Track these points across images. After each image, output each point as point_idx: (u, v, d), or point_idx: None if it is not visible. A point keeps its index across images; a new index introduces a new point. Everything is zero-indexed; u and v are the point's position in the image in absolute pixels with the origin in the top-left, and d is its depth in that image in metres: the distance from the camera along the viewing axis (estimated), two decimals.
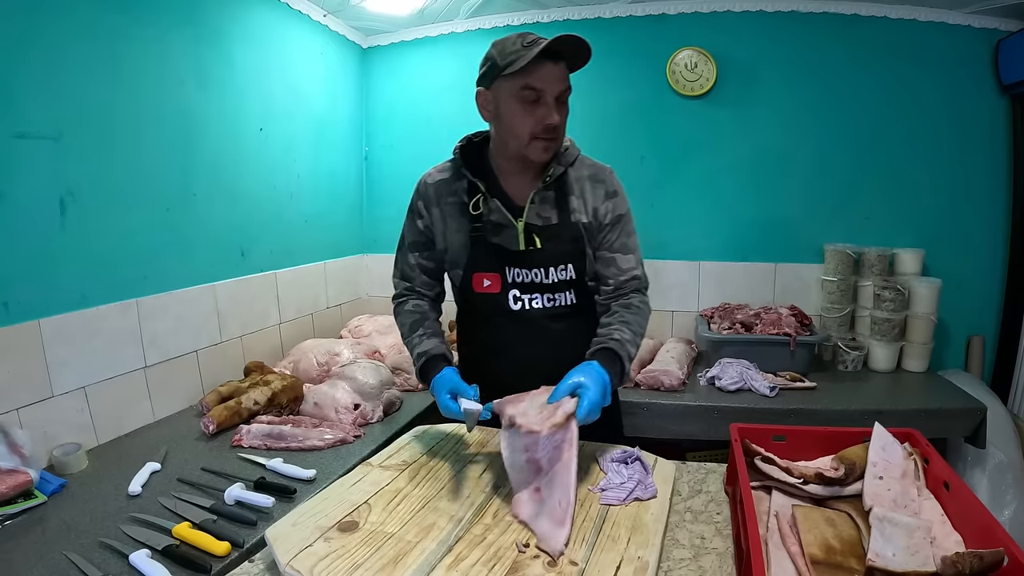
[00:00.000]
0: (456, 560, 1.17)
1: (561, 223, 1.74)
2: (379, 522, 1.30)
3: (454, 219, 1.77)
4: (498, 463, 1.60)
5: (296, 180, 3.21)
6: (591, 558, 1.19)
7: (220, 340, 2.69)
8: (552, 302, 1.77)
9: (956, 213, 3.19)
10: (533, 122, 1.60)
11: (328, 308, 3.50)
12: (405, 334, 1.85)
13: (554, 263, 1.74)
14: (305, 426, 2.17)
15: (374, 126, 3.83)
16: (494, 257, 1.74)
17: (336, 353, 2.72)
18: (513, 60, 1.56)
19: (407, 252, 1.90)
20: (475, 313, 1.85)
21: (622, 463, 1.57)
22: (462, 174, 1.77)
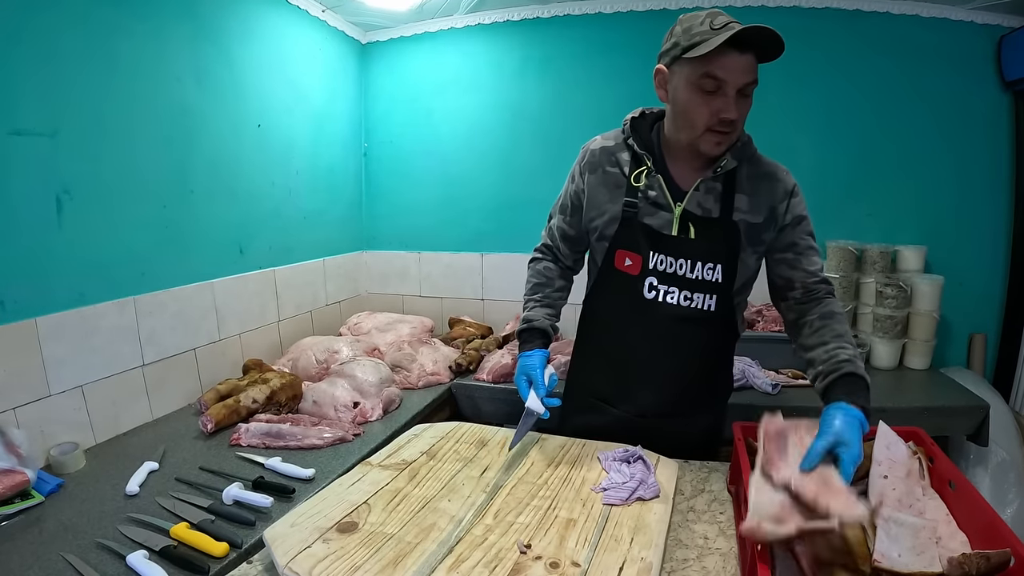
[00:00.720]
0: (457, 561, 1.16)
1: (722, 219, 1.63)
2: (379, 523, 1.30)
3: (609, 189, 1.69)
4: (499, 462, 1.60)
5: (295, 176, 3.19)
6: (594, 559, 1.18)
7: (218, 338, 2.67)
8: (688, 301, 1.65)
9: (958, 210, 3.17)
10: (709, 113, 1.49)
11: (327, 305, 3.49)
12: (526, 292, 1.92)
13: (703, 258, 1.62)
14: (304, 424, 2.15)
15: (373, 122, 3.81)
16: (643, 236, 1.64)
17: (335, 351, 2.70)
18: (697, 43, 1.44)
19: (557, 213, 1.91)
20: (607, 293, 1.75)
21: (624, 462, 1.56)
22: (628, 145, 1.69)
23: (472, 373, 2.92)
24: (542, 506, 1.38)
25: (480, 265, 3.68)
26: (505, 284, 3.65)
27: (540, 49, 3.44)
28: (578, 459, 1.61)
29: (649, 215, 1.64)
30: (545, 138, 3.50)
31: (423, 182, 3.74)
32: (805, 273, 1.68)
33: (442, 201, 3.71)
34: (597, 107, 3.41)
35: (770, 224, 1.65)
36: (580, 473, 1.54)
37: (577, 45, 3.41)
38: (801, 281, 1.68)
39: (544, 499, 1.41)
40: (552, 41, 3.42)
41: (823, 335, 1.57)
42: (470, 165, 3.63)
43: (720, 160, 1.59)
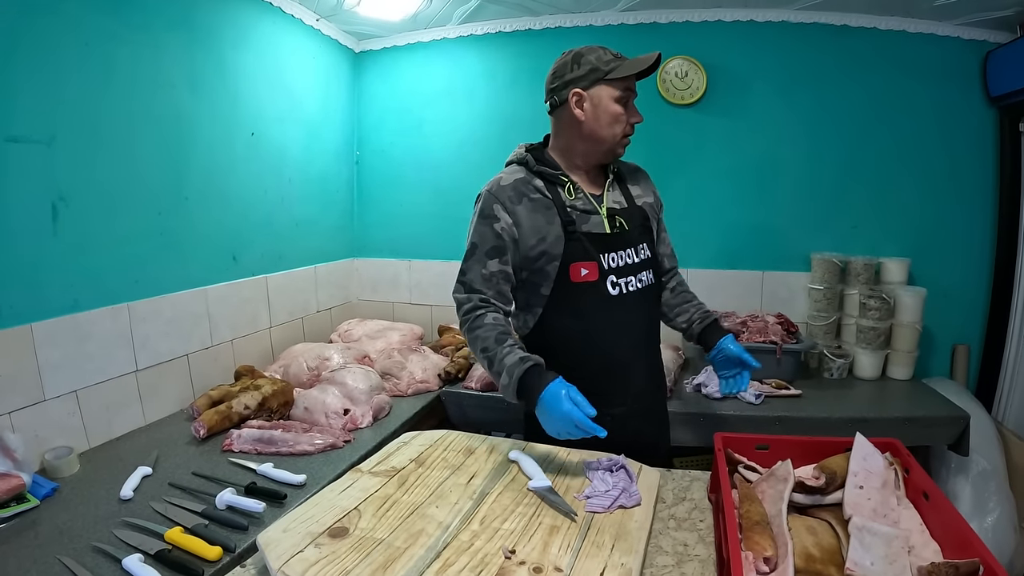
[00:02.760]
0: (444, 566, 1.19)
1: (631, 206, 1.91)
2: (369, 528, 1.33)
3: (541, 213, 1.81)
4: (486, 469, 1.63)
5: (287, 184, 3.22)
6: (576, 564, 1.22)
7: (211, 344, 2.70)
8: (641, 283, 1.88)
9: (943, 223, 3.22)
10: (625, 122, 1.82)
11: (318, 312, 3.51)
12: (490, 346, 1.73)
13: (637, 242, 1.88)
14: (295, 431, 2.18)
15: (365, 131, 3.84)
16: (590, 244, 1.81)
17: (326, 358, 2.74)
18: (615, 67, 1.79)
19: (484, 260, 1.81)
20: (568, 308, 1.84)
21: (607, 471, 1.59)
22: (537, 173, 1.87)
23: (461, 381, 2.94)
24: (527, 513, 1.42)
25: None
26: None
27: (532, 61, 3.48)
28: (562, 467, 1.65)
29: (584, 223, 1.83)
30: None
31: (415, 191, 3.77)
32: (667, 247, 2.11)
33: (433, 210, 3.74)
34: None
35: (658, 204, 2.04)
36: (564, 481, 1.58)
37: None
38: (664, 255, 2.09)
39: (528, 506, 1.45)
40: (544, 53, 3.42)
41: (684, 296, 2.11)
42: (462, 175, 3.66)
43: (611, 164, 1.93)
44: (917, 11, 3.04)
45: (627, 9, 3.31)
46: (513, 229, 1.80)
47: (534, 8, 3.33)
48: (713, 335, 1.99)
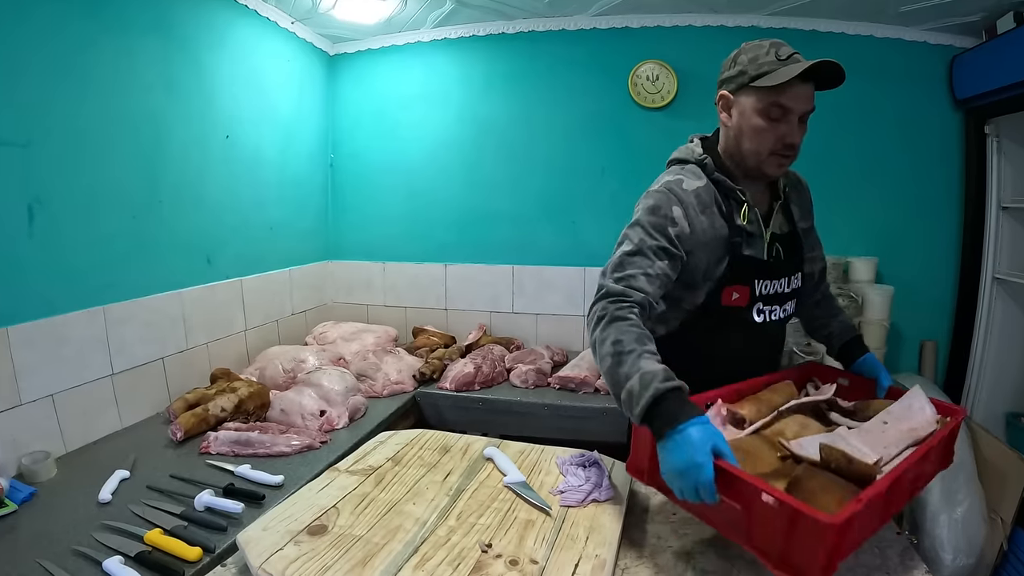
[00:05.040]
0: (422, 561, 1.23)
1: (792, 232, 1.76)
2: (347, 525, 1.35)
3: (715, 229, 1.63)
4: (461, 466, 1.66)
5: (262, 187, 3.23)
6: (551, 557, 1.26)
7: (186, 347, 2.70)
8: (784, 312, 1.76)
9: (910, 223, 3.30)
10: (775, 138, 1.56)
11: (293, 315, 3.52)
12: (626, 342, 1.40)
13: (792, 272, 1.74)
14: (272, 432, 2.20)
15: (340, 134, 3.86)
16: (748, 269, 1.65)
17: (302, 360, 2.76)
18: (766, 72, 1.53)
19: (652, 259, 1.57)
20: (704, 328, 1.71)
21: (580, 466, 1.63)
22: (716, 181, 1.66)
23: (435, 382, 2.99)
24: (502, 508, 1.45)
25: (444, 275, 3.75)
26: (468, 294, 3.74)
27: (506, 64, 3.53)
28: (536, 463, 1.68)
29: (748, 247, 1.66)
30: (510, 152, 3.59)
31: (389, 194, 3.80)
32: (822, 260, 1.93)
33: (407, 213, 3.77)
34: (562, 122, 3.52)
35: (812, 227, 1.86)
36: (539, 477, 1.61)
37: (542, 61, 3.49)
38: (820, 269, 1.92)
39: (504, 501, 1.48)
40: (518, 57, 3.51)
41: (830, 309, 1.94)
42: (435, 178, 3.70)
43: (780, 181, 1.74)
44: (885, 17, 3.11)
45: (600, 14, 3.36)
46: (688, 239, 1.60)
47: (508, 12, 3.37)
48: (852, 352, 1.81)
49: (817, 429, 1.48)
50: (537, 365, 3.07)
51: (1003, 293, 3.15)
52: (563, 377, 2.97)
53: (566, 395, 2.92)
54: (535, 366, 3.06)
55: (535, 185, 3.59)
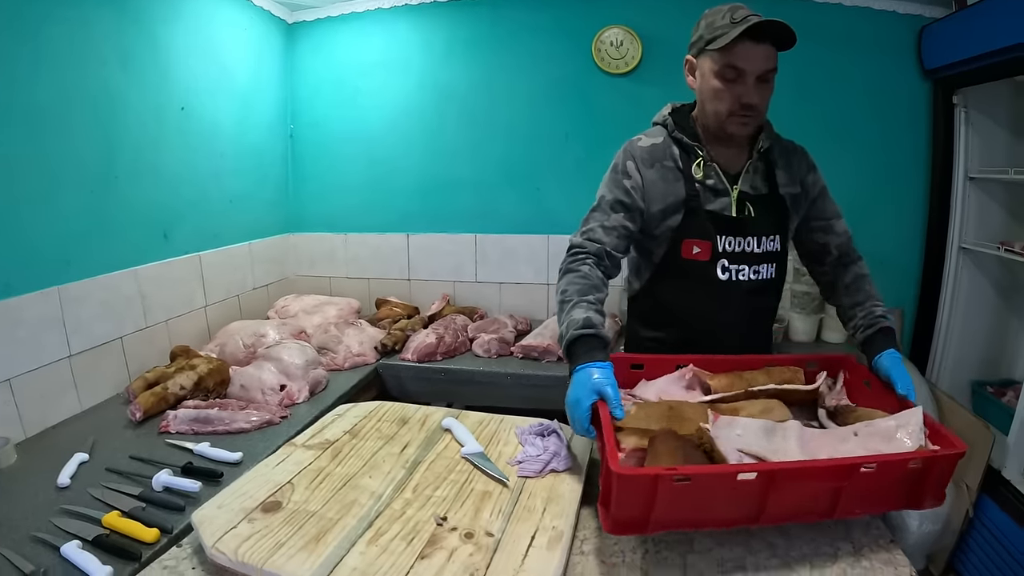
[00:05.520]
0: (376, 535, 1.23)
1: (771, 194, 1.76)
2: (302, 501, 1.35)
3: (668, 182, 1.72)
4: (419, 438, 1.65)
5: (220, 159, 3.17)
6: (507, 528, 1.26)
7: (145, 325, 2.66)
8: (756, 275, 1.75)
9: (877, 192, 3.29)
10: (732, 99, 1.61)
11: (255, 289, 3.48)
12: (570, 293, 1.61)
13: (765, 232, 1.73)
14: (232, 409, 2.19)
15: (300, 104, 3.79)
16: (708, 223, 1.70)
17: (262, 335, 2.73)
18: (718, 36, 1.57)
19: (608, 212, 1.73)
20: (673, 282, 1.78)
21: (539, 436, 1.62)
22: (675, 139, 1.75)
23: (398, 353, 2.98)
24: (459, 480, 1.45)
25: (406, 245, 3.72)
26: (431, 264, 3.72)
27: (467, 30, 3.47)
28: (495, 434, 1.68)
29: (710, 202, 1.72)
30: (471, 119, 3.54)
31: (350, 163, 3.74)
32: (836, 235, 1.86)
33: (368, 182, 3.72)
34: (525, 88, 3.47)
35: (804, 195, 1.82)
36: (497, 447, 1.61)
37: (504, 26, 3.44)
38: (836, 245, 1.85)
39: (461, 473, 1.48)
40: (479, 22, 3.45)
41: (857, 296, 1.80)
42: (396, 146, 3.65)
43: (758, 142, 1.74)
44: None
45: None
46: (641, 190, 1.72)
47: None
48: (873, 347, 1.69)
49: (780, 416, 1.45)
50: (500, 334, 3.06)
51: (969, 263, 3.15)
52: (526, 346, 2.96)
53: (529, 364, 2.92)
54: (498, 335, 3.04)
55: (497, 152, 3.55)
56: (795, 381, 1.61)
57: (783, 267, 1.83)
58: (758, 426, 1.36)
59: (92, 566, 1.41)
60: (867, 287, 1.83)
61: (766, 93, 1.63)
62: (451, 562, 1.16)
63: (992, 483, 2.60)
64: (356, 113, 3.69)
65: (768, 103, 1.66)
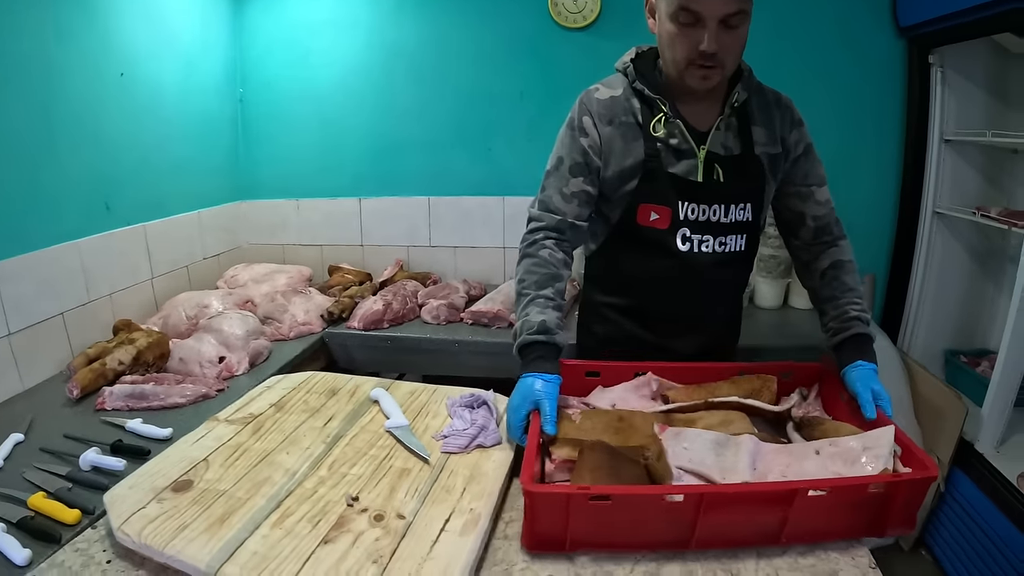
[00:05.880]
0: (282, 516, 1.18)
1: (744, 155, 1.57)
2: (214, 479, 1.30)
3: (627, 141, 1.56)
4: (345, 411, 1.59)
5: (164, 126, 3.07)
6: (421, 510, 1.21)
7: (87, 300, 2.59)
8: (723, 247, 1.60)
9: (849, 153, 3.22)
10: (690, 46, 1.42)
11: (205, 259, 3.39)
12: (528, 287, 1.55)
13: (735, 200, 1.57)
14: (168, 383, 2.14)
15: (249, 66, 3.66)
16: (669, 187, 1.54)
17: (205, 305, 2.67)
18: None
19: (566, 177, 1.59)
20: (629, 251, 1.65)
21: (468, 407, 1.55)
22: (636, 91, 1.57)
23: (345, 321, 2.91)
24: (379, 456, 1.40)
25: (358, 210, 3.63)
26: (384, 229, 3.63)
27: None
28: (425, 405, 1.63)
29: (673, 164, 1.56)
30: (422, 78, 3.44)
31: (301, 127, 3.63)
32: (817, 205, 1.69)
33: (320, 146, 3.62)
34: (475, 45, 3.37)
35: (784, 155, 1.63)
36: (425, 420, 1.55)
37: None
38: (813, 215, 1.69)
39: (383, 448, 1.43)
40: None
41: (834, 288, 1.64)
42: (346, 107, 3.55)
43: (732, 94, 1.55)
44: None
45: None
46: (598, 149, 1.58)
47: None
48: (841, 358, 1.54)
49: (742, 429, 1.37)
50: (450, 300, 2.98)
51: (943, 228, 3.09)
52: (475, 312, 2.89)
53: (479, 330, 2.85)
54: (447, 301, 2.97)
55: (449, 112, 3.46)
56: (764, 392, 1.51)
57: (755, 239, 1.67)
58: (709, 439, 1.30)
59: (13, 549, 1.36)
60: (844, 277, 1.66)
61: (732, 41, 1.44)
62: (355, 547, 1.10)
63: (965, 456, 2.57)
64: (306, 74, 3.57)
65: (738, 53, 1.49)
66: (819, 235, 1.71)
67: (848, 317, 1.57)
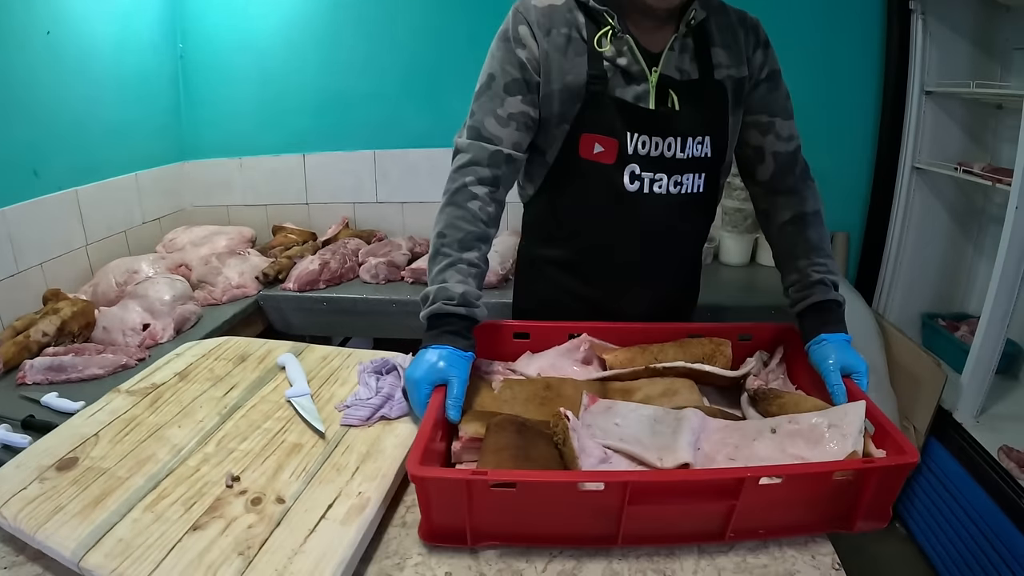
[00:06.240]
0: (158, 498, 1.09)
1: (703, 80, 1.38)
2: (100, 457, 1.21)
3: (567, 58, 1.36)
4: (249, 379, 1.50)
5: (96, 86, 2.94)
6: (304, 494, 1.09)
7: (16, 271, 2.49)
8: (679, 187, 1.41)
9: (823, 102, 3.07)
10: None
11: (145, 223, 3.28)
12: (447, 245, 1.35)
13: (692, 132, 1.38)
14: (89, 354, 2.06)
15: (189, 22, 3.49)
16: (616, 115, 1.36)
17: (135, 271, 2.58)
18: None
19: (501, 96, 1.37)
20: (569, 190, 1.47)
21: (377, 374, 1.43)
22: (580, 3, 1.37)
23: (281, 283, 2.80)
24: (273, 429, 1.29)
25: (302, 166, 3.51)
26: (329, 185, 3.52)
27: None
28: (336, 371, 1.53)
29: (620, 87, 1.37)
30: (367, 28, 3.30)
31: (242, 82, 3.49)
32: (778, 140, 1.49)
33: (261, 101, 3.49)
34: None
35: (746, 78, 1.44)
36: (332, 388, 1.46)
37: None
38: (773, 151, 1.49)
39: (279, 421, 1.32)
40: None
41: (795, 245, 1.47)
42: (287, 60, 3.41)
43: (688, 12, 1.36)
44: None
45: None
46: (537, 63, 1.37)
47: None
48: (805, 330, 1.38)
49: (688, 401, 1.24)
50: (390, 258, 2.88)
51: (922, 184, 2.98)
52: (416, 269, 2.80)
53: (421, 289, 2.69)
54: (387, 259, 2.87)
55: (396, 60, 3.33)
56: (717, 357, 1.35)
57: (716, 179, 1.49)
58: (646, 414, 1.17)
59: None
60: (808, 232, 1.47)
61: None
62: (224, 536, 0.99)
63: (942, 426, 2.48)
64: (247, 25, 3.41)
65: None
66: (781, 178, 1.52)
67: (810, 282, 1.40)
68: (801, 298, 1.41)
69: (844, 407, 1.14)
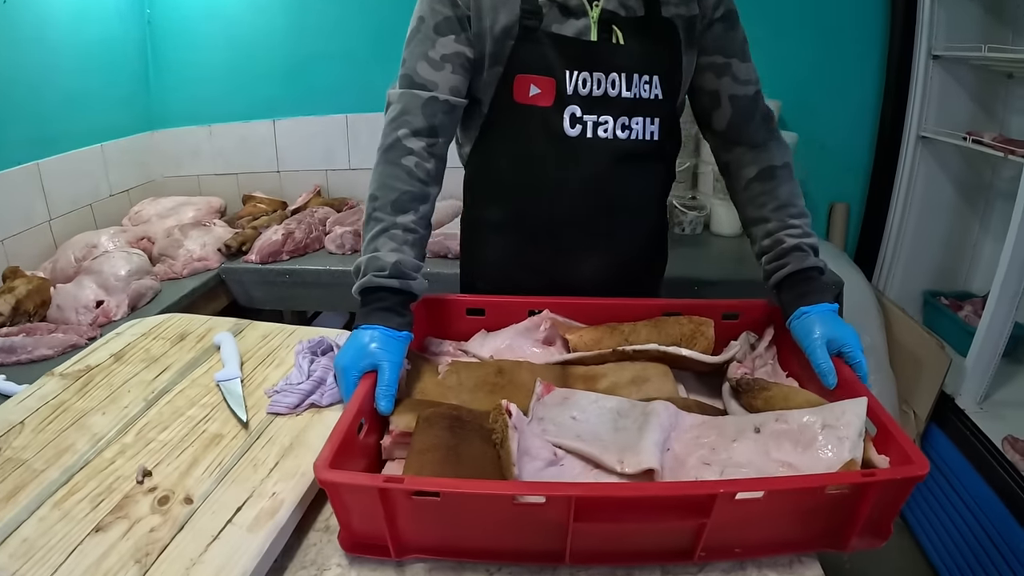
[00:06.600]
0: (67, 494, 1.01)
1: (650, 17, 1.27)
2: (21, 447, 1.15)
3: None
4: (184, 360, 1.43)
5: (53, 54, 2.85)
6: (213, 493, 1.00)
7: None
8: (627, 131, 1.30)
9: (823, 66, 2.97)
10: None
11: (112, 196, 3.19)
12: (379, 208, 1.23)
13: (638, 68, 1.27)
14: (40, 334, 2.00)
15: None
16: (552, 50, 1.25)
17: (94, 245, 2.50)
18: None
19: (431, 37, 1.26)
20: (506, 140, 1.36)
21: (312, 355, 1.33)
22: None
23: (245, 255, 2.71)
24: (196, 417, 1.20)
25: (273, 133, 3.41)
26: (300, 152, 3.42)
27: None
28: (274, 352, 1.45)
29: (557, 23, 1.26)
30: None
31: (211, 47, 3.38)
32: (735, 83, 1.35)
33: (229, 65, 3.37)
34: None
35: (699, 17, 1.31)
36: (266, 371, 1.37)
37: None
38: (730, 94, 1.35)
39: (204, 408, 1.24)
40: None
41: (762, 204, 1.33)
42: (255, 23, 3.29)
43: None
44: None
45: None
46: (472, 3, 1.26)
47: None
48: (785, 304, 1.24)
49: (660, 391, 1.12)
50: (357, 227, 2.76)
51: (927, 154, 2.85)
52: None
53: None
54: (354, 228, 2.76)
55: (365, 22, 3.20)
56: (698, 339, 1.22)
57: (672, 124, 1.37)
58: (609, 407, 1.05)
59: None
60: (779, 189, 1.32)
61: None
62: (125, 540, 0.91)
63: (943, 412, 2.39)
64: None
65: None
66: (741, 125, 1.38)
67: (784, 249, 1.26)
68: (775, 268, 1.28)
69: (842, 404, 0.97)
